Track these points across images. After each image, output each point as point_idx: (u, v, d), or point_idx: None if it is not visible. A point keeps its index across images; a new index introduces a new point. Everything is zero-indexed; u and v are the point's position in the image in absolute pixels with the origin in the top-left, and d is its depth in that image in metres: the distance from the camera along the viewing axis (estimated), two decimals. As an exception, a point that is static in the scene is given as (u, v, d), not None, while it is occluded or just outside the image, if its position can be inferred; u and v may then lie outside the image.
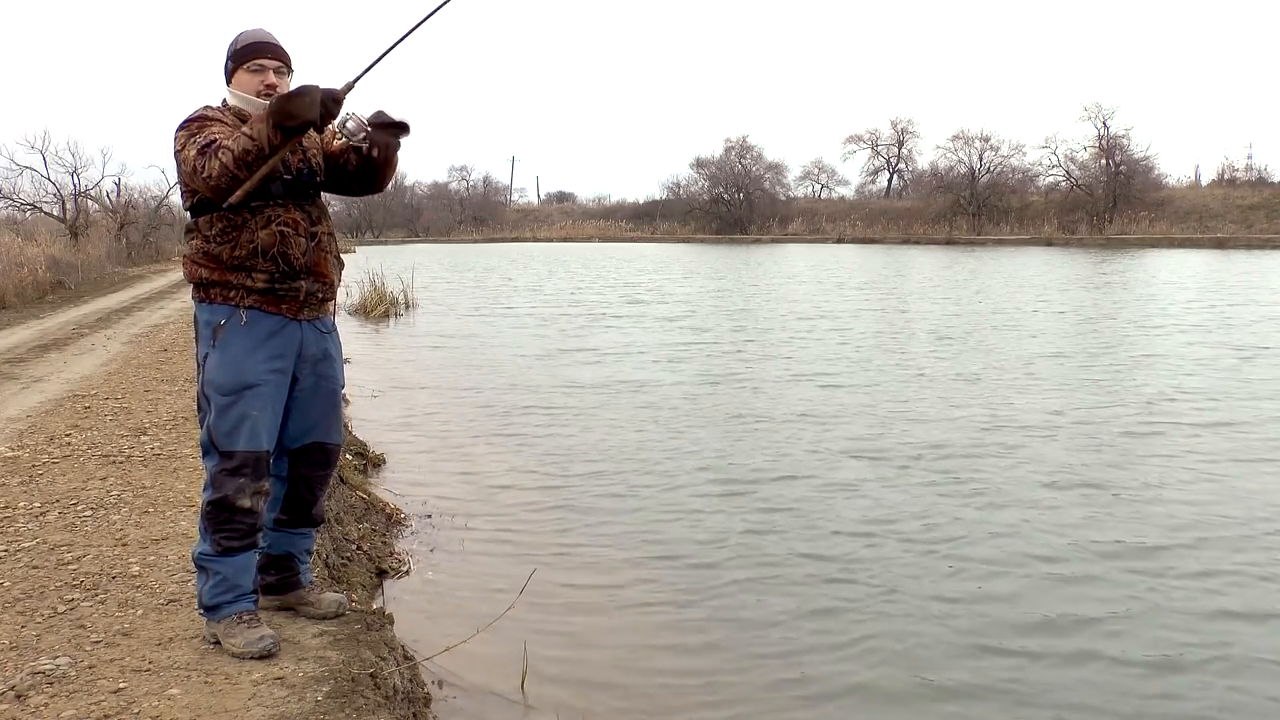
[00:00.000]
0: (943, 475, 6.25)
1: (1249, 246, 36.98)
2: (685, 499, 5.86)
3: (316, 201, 3.07)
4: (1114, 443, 7.04)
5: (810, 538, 5.14)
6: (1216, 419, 7.70)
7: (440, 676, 3.56)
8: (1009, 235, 45.91)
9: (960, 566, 4.72)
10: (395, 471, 6.55)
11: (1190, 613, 4.17)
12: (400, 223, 65.37)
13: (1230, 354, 11.03)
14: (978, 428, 7.60)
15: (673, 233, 59.04)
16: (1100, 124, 47.52)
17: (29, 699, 2.63)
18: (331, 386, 3.13)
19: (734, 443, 7.24)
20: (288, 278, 2.92)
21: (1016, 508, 5.57)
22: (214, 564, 2.92)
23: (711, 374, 10.33)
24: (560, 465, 6.69)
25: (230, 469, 2.88)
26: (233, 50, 3.02)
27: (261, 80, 2.98)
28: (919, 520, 5.39)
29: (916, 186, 58.57)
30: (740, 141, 59.82)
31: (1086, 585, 4.49)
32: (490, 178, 73.90)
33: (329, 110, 2.68)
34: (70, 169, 29.46)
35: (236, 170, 2.70)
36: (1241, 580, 4.50)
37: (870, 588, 4.49)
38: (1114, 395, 8.78)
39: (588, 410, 8.50)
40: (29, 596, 3.35)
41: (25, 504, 4.40)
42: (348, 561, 4.33)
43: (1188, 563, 4.72)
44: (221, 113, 2.95)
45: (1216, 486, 5.91)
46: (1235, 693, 3.53)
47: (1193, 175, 52.60)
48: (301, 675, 2.81)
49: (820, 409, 8.39)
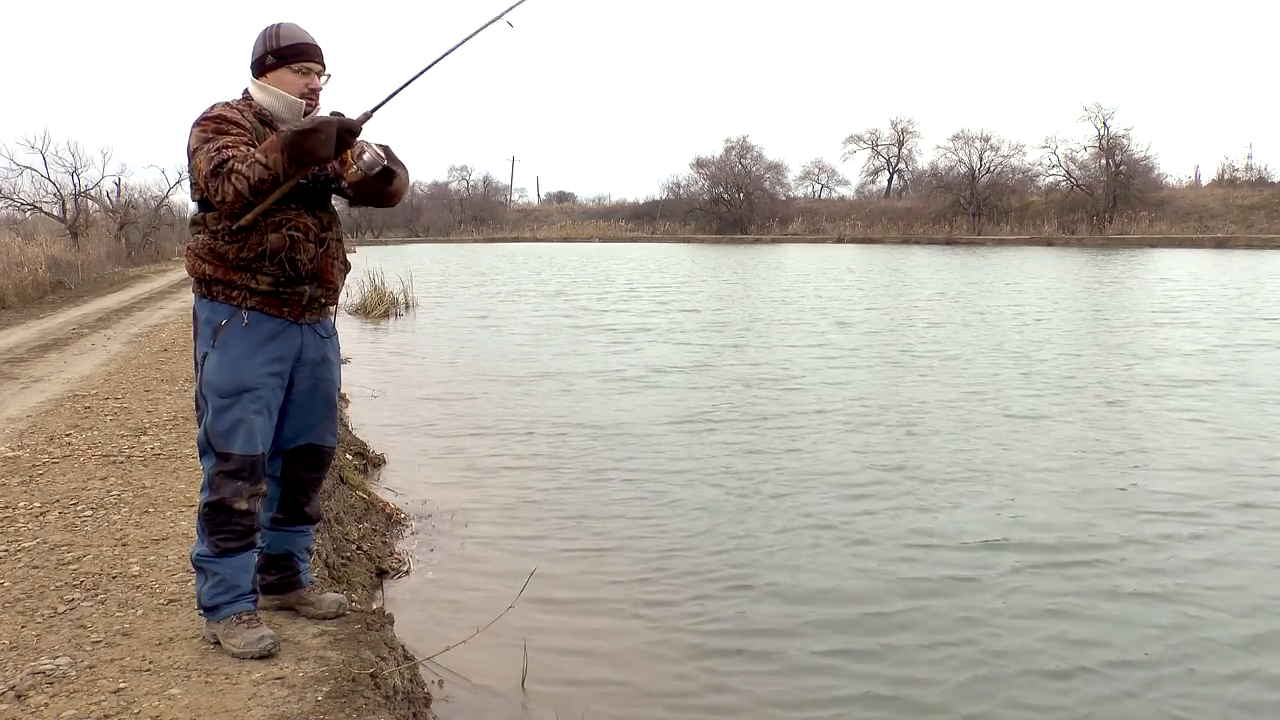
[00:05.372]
0: (943, 473, 6.26)
1: (1249, 246, 36.98)
2: (686, 499, 5.86)
3: (327, 206, 3.05)
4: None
5: (815, 541, 5.13)
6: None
7: (440, 676, 3.56)
8: (1009, 235, 45.91)
9: (960, 567, 4.73)
10: (395, 471, 6.55)
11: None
12: (400, 223, 65.29)
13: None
14: (993, 442, 7.59)
15: (673, 233, 59.00)
16: (1100, 124, 47.64)
17: (29, 699, 2.63)
18: (328, 390, 3.13)
19: (737, 443, 7.23)
20: (293, 282, 2.92)
21: (1050, 531, 5.18)
22: (212, 565, 2.92)
23: (714, 374, 10.33)
24: (561, 465, 6.69)
25: (228, 471, 2.87)
26: (275, 45, 2.93)
27: (307, 84, 2.96)
28: (923, 523, 5.39)
29: (916, 186, 58.56)
30: (740, 141, 59.93)
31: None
32: (490, 178, 73.85)
33: (345, 143, 2.71)
34: (70, 169, 29.46)
35: (251, 197, 2.72)
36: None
37: (876, 593, 4.45)
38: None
39: (588, 410, 8.50)
40: (29, 596, 3.35)
41: (25, 504, 4.40)
42: (348, 561, 4.33)
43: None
44: (241, 111, 2.89)
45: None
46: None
47: (1193, 175, 52.74)
48: (301, 675, 2.81)
49: (829, 411, 8.37)
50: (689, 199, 61.96)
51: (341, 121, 2.70)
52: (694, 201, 61.26)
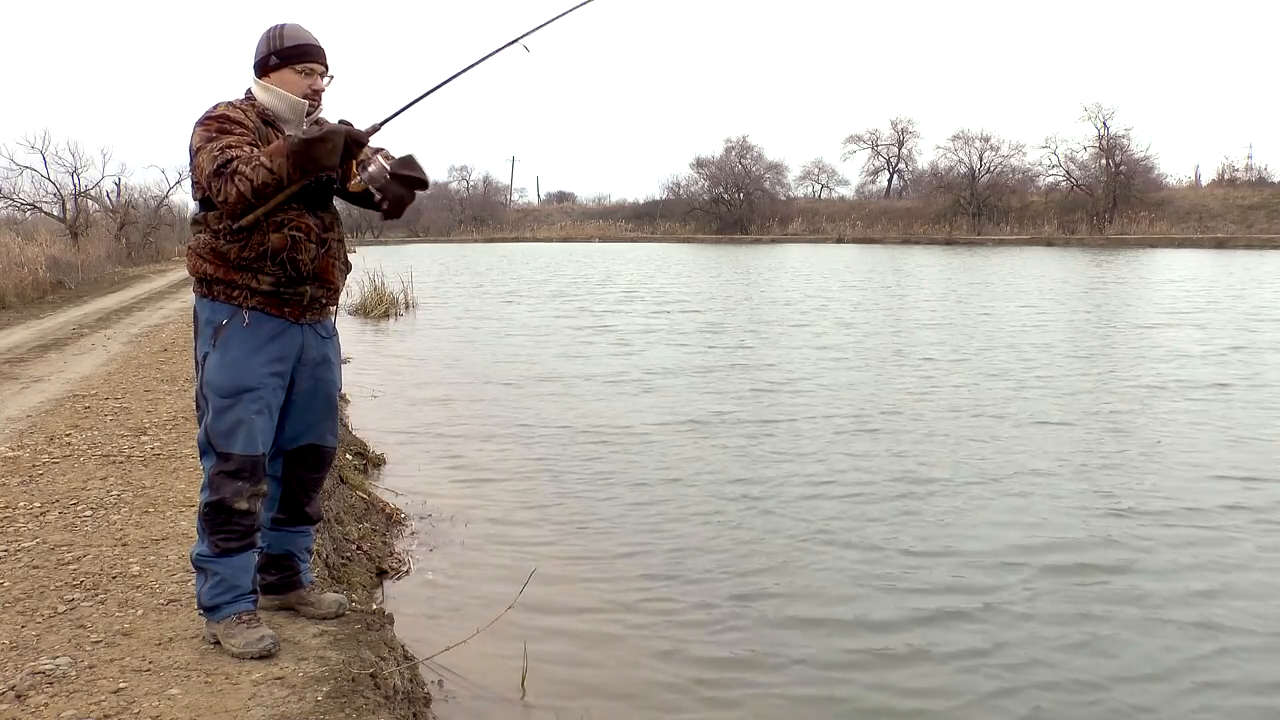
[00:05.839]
0: (947, 468, 6.25)
1: (1249, 246, 36.99)
2: (687, 499, 5.85)
3: (329, 207, 3.05)
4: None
5: (816, 541, 5.12)
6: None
7: (440, 676, 3.56)
8: (1009, 235, 45.93)
9: (950, 571, 4.72)
10: (395, 471, 6.55)
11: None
12: (400, 223, 64.83)
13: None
14: (1004, 447, 7.58)
15: (673, 233, 59.00)
16: (1100, 124, 47.65)
17: (29, 699, 2.63)
18: (329, 390, 3.13)
19: (739, 446, 7.22)
20: (294, 282, 2.92)
21: (1065, 539, 5.06)
22: (212, 565, 2.92)
23: (716, 376, 10.33)
24: (561, 465, 6.69)
25: (228, 471, 2.87)
26: (279, 45, 2.94)
27: (310, 85, 2.97)
28: (932, 530, 5.37)
29: (916, 186, 58.57)
30: (740, 141, 59.93)
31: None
32: (490, 178, 73.82)
33: (351, 152, 2.72)
34: (70, 169, 29.50)
35: (253, 199, 2.72)
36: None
37: (884, 602, 4.37)
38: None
39: (589, 411, 8.50)
40: (29, 596, 3.35)
41: (25, 504, 4.40)
42: (348, 561, 4.33)
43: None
44: (244, 111, 2.89)
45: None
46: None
47: (1193, 175, 52.76)
48: (301, 675, 2.81)
49: (834, 415, 8.33)
50: (689, 199, 61.96)
51: (349, 132, 2.72)
52: (694, 201, 61.25)
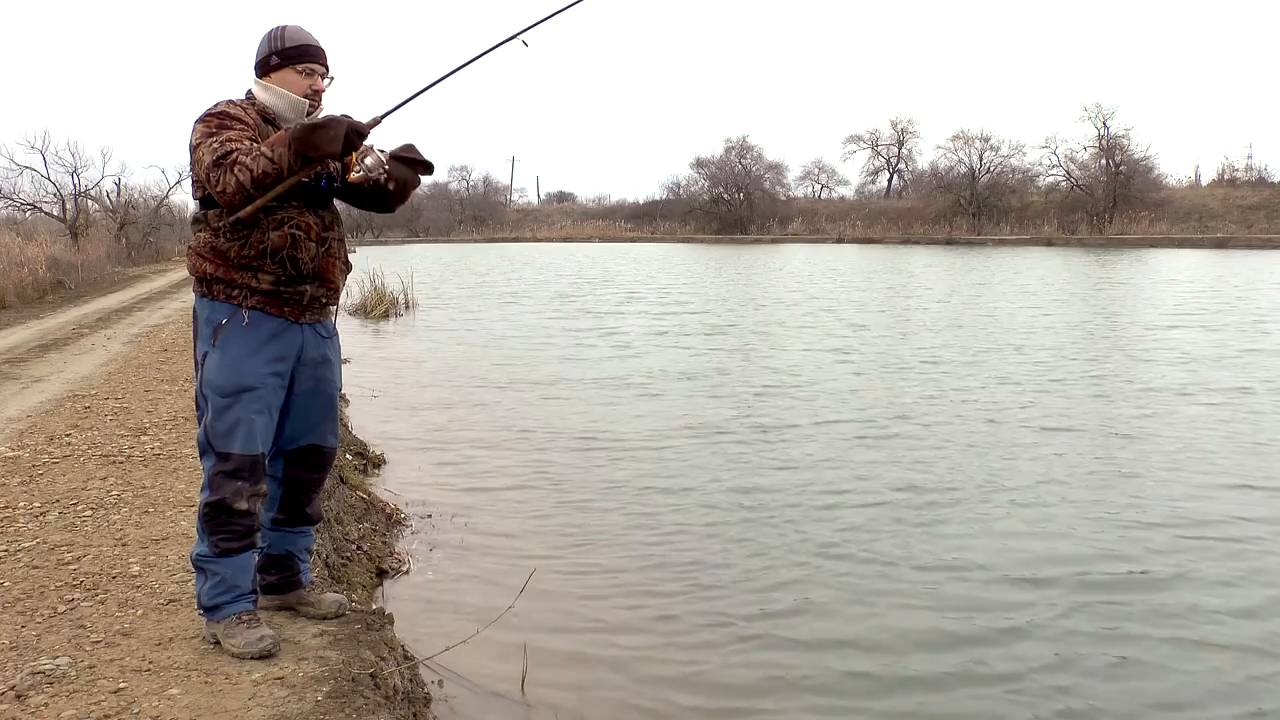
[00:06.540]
0: (947, 466, 6.25)
1: (1249, 246, 37.00)
2: (687, 499, 5.85)
3: (330, 206, 3.06)
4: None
5: (816, 543, 5.10)
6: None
7: (440, 676, 3.55)
8: (1009, 235, 45.93)
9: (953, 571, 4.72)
10: (395, 471, 6.55)
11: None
12: (400, 223, 65.24)
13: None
14: (1019, 456, 7.57)
15: (673, 233, 59.02)
16: (1100, 124, 47.68)
17: (29, 699, 2.63)
18: (329, 390, 3.13)
19: (742, 448, 7.21)
20: (294, 281, 2.92)
21: (1086, 551, 4.92)
22: (212, 565, 2.92)
23: (716, 376, 10.33)
24: (561, 465, 6.69)
25: (228, 471, 2.87)
26: (280, 46, 2.96)
27: (311, 85, 2.98)
28: (945, 539, 5.31)
29: (916, 186, 58.60)
30: (740, 141, 59.96)
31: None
32: (490, 178, 73.92)
33: (352, 144, 2.72)
34: (70, 169, 29.55)
35: (253, 190, 2.72)
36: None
37: (893, 614, 4.28)
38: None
39: (588, 412, 8.50)
40: (29, 596, 3.35)
41: (25, 504, 4.40)
42: (348, 561, 4.33)
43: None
44: (244, 109, 2.90)
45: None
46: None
47: (1193, 175, 52.77)
48: (301, 675, 2.81)
49: (841, 420, 8.25)
50: (689, 199, 61.99)
51: (351, 123, 2.72)
52: (694, 201, 61.27)
